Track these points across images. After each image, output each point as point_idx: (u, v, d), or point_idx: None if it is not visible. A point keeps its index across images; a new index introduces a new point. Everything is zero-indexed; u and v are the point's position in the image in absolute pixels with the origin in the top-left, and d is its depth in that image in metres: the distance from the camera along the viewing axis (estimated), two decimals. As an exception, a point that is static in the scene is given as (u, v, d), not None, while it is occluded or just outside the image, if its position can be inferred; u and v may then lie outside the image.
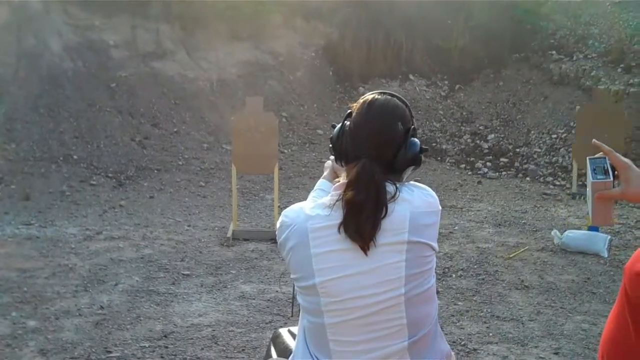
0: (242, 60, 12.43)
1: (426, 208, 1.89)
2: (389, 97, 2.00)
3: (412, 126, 1.98)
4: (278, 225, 1.97)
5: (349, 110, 2.03)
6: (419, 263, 1.85)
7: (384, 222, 1.81)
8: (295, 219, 1.91)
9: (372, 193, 1.82)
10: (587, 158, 1.81)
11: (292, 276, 1.95)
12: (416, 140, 1.97)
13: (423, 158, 2.01)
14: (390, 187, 1.85)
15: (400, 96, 2.04)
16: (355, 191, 1.82)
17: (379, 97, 1.99)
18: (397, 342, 1.84)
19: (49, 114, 9.94)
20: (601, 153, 1.79)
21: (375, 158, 1.88)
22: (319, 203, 1.91)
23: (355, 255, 1.82)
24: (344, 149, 1.98)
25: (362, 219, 1.80)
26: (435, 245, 1.90)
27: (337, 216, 1.84)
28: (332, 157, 2.54)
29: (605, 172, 1.76)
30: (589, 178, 1.78)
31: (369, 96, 2.01)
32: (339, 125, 2.04)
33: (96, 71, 11.04)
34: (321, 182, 2.37)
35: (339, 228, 1.82)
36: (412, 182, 1.98)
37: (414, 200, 1.87)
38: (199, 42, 12.30)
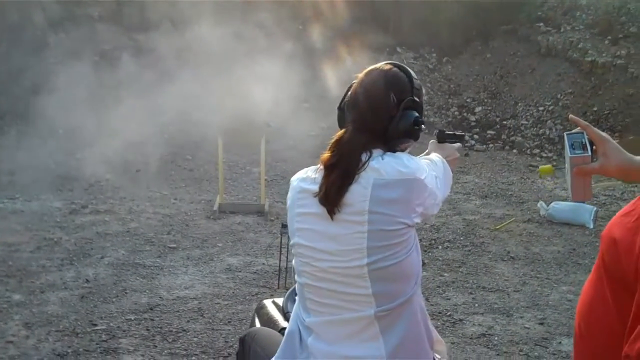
0: (227, 33, 12.29)
1: (394, 176, 1.83)
2: (394, 67, 2.00)
3: (410, 98, 1.95)
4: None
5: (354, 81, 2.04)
6: (384, 236, 1.81)
7: (350, 190, 1.82)
8: (293, 180, 1.98)
9: (343, 159, 1.84)
10: (565, 133, 1.79)
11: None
12: (413, 112, 1.95)
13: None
14: (363, 156, 1.85)
15: (406, 68, 2.02)
16: (329, 155, 1.87)
17: (382, 67, 2.00)
18: (364, 310, 1.85)
19: (32, 88, 9.82)
20: (579, 128, 1.78)
21: (360, 126, 1.89)
22: (317, 166, 1.95)
23: (323, 221, 1.86)
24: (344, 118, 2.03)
25: (329, 183, 1.83)
26: (407, 220, 1.84)
27: (320, 180, 1.89)
28: None
29: (584, 147, 1.73)
30: (567, 153, 1.76)
31: (373, 66, 2.03)
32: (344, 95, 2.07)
33: (80, 45, 10.90)
34: None
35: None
36: (401, 153, 1.95)
37: (381, 169, 1.84)
38: (184, 15, 12.14)
